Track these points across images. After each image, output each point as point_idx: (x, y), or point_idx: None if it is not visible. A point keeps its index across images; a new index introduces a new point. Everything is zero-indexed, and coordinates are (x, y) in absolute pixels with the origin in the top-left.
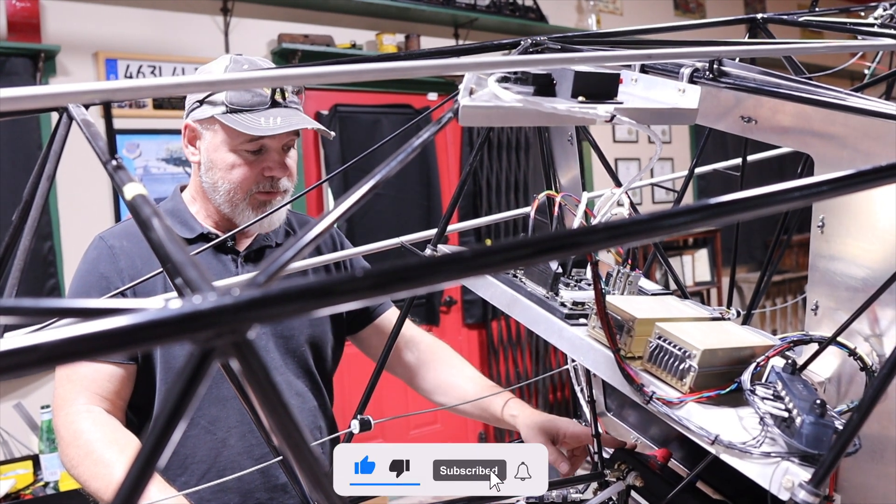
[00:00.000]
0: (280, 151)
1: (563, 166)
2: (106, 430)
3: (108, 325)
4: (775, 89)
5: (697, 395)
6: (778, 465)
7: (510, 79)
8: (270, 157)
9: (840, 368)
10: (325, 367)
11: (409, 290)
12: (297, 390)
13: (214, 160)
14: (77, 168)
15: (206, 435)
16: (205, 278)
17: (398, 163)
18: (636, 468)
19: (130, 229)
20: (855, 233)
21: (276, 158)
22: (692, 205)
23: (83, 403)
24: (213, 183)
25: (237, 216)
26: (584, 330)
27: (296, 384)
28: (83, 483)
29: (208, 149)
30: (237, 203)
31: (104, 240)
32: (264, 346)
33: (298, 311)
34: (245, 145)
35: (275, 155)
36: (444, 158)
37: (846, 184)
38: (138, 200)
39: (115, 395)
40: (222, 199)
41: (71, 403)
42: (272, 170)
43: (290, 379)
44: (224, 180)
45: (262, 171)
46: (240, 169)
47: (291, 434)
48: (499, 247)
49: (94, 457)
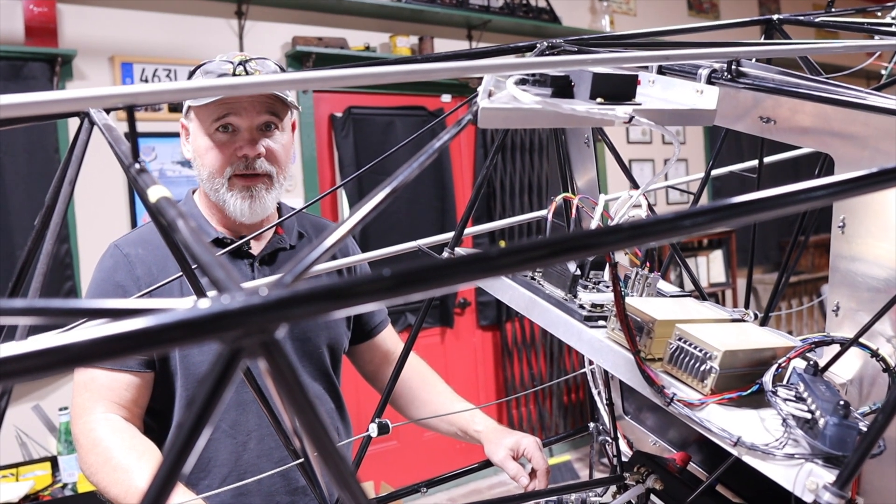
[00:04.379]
0: (252, 130)
1: (579, 168)
2: (124, 437)
3: (137, 325)
4: (794, 89)
5: (719, 396)
6: (802, 467)
7: (528, 81)
8: (241, 136)
9: (862, 370)
10: (339, 370)
11: (430, 289)
12: (314, 392)
13: (195, 149)
14: (94, 171)
15: (227, 438)
16: (232, 278)
17: (417, 166)
18: (655, 471)
19: (146, 236)
20: (876, 233)
21: (246, 137)
22: (713, 204)
23: (101, 412)
24: (199, 175)
25: (226, 205)
26: (603, 332)
27: (313, 387)
28: (102, 489)
29: (193, 139)
30: (218, 189)
31: (119, 248)
32: None
33: (325, 310)
34: (214, 125)
35: (245, 134)
36: (458, 160)
37: (868, 183)
38: (163, 203)
39: (132, 402)
40: (208, 187)
41: (90, 412)
42: (242, 148)
43: (307, 381)
44: (203, 166)
45: (235, 151)
46: (212, 151)
47: (319, 434)
48: (518, 247)
49: (112, 463)
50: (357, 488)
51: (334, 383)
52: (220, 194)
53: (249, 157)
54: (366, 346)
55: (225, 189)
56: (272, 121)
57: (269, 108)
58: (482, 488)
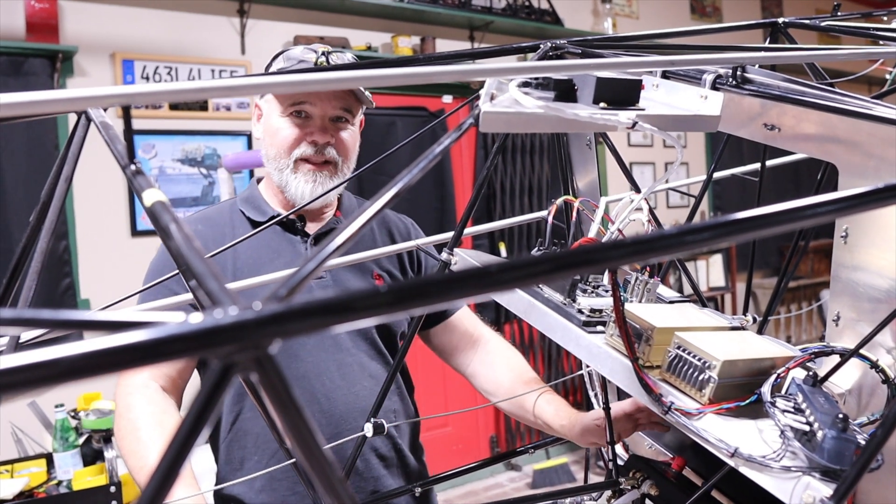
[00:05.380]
0: (324, 119)
1: (580, 171)
2: (155, 410)
3: (128, 339)
4: (800, 97)
5: (717, 406)
6: (799, 480)
7: (531, 84)
8: (314, 122)
9: (861, 380)
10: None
11: (430, 305)
12: (370, 372)
13: (267, 129)
14: (93, 168)
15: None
16: (225, 290)
17: (420, 170)
18: (651, 476)
19: (209, 214)
20: (879, 244)
21: (318, 124)
22: (717, 220)
23: (143, 377)
24: (266, 154)
25: (288, 186)
26: (601, 338)
27: (370, 366)
28: (123, 455)
29: (265, 119)
30: (283, 169)
31: None
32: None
33: (320, 326)
34: (289, 109)
35: (318, 121)
36: (458, 160)
37: (876, 198)
38: (157, 207)
39: (177, 373)
40: (273, 167)
41: (129, 376)
42: (313, 134)
43: (363, 360)
44: (272, 146)
45: (305, 136)
46: (284, 132)
47: (311, 449)
48: (521, 262)
49: (137, 434)
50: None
51: (391, 363)
52: (284, 175)
53: (319, 143)
54: (441, 328)
55: (290, 170)
56: (344, 114)
57: (343, 101)
58: (478, 489)
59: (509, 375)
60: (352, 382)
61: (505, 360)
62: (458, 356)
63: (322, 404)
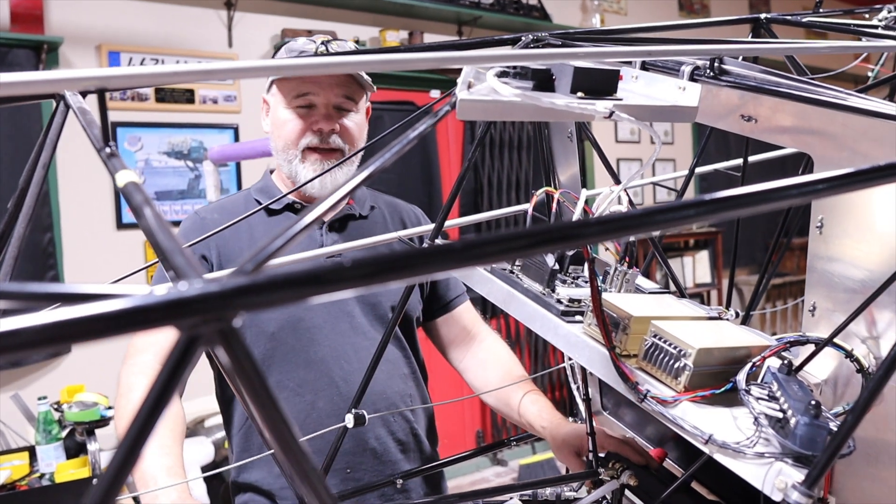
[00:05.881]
0: (328, 107)
1: (562, 163)
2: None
3: (93, 310)
4: (775, 88)
5: (692, 394)
6: (771, 466)
7: (509, 73)
8: (318, 111)
9: (837, 370)
10: (413, 336)
11: (400, 279)
12: (387, 356)
13: (274, 122)
14: (78, 161)
15: (294, 397)
16: (192, 265)
17: (393, 154)
18: (631, 467)
19: (225, 204)
20: (853, 234)
21: (322, 113)
22: (688, 200)
23: (148, 360)
24: (275, 146)
25: (297, 176)
26: (579, 327)
27: (388, 350)
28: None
29: (271, 113)
30: (291, 160)
31: (198, 213)
32: (350, 312)
33: (286, 299)
34: (294, 101)
35: (322, 110)
36: (446, 156)
37: (844, 182)
38: (130, 188)
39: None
40: (282, 158)
41: (139, 354)
42: (318, 123)
43: None
44: (279, 138)
45: (311, 125)
46: (290, 123)
47: (278, 426)
48: (493, 238)
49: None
50: (320, 485)
51: (407, 348)
52: (293, 165)
53: (324, 131)
54: (442, 321)
55: (298, 160)
56: (347, 102)
57: (346, 88)
58: (464, 484)
59: (498, 373)
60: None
61: (497, 359)
62: (454, 350)
63: (340, 388)
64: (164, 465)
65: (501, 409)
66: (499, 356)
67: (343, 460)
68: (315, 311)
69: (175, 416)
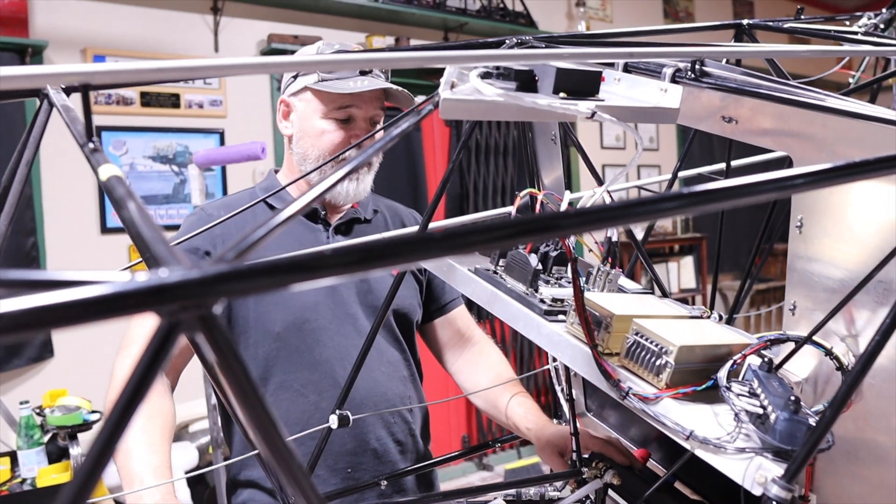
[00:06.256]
0: (367, 121)
1: (546, 166)
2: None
3: (72, 295)
4: (755, 89)
5: (673, 391)
6: (751, 461)
7: (492, 74)
8: (358, 125)
9: (817, 369)
10: (412, 339)
11: (383, 266)
12: (388, 358)
13: (305, 129)
14: (62, 165)
15: (298, 398)
16: (173, 253)
17: (375, 150)
18: (614, 467)
19: (230, 201)
20: (833, 234)
21: (362, 126)
22: (667, 193)
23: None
24: (303, 153)
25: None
26: (562, 326)
27: (388, 352)
28: None
29: (301, 118)
30: (326, 170)
31: (204, 210)
32: (353, 315)
33: (267, 286)
34: (334, 113)
35: (362, 123)
36: (432, 160)
37: (822, 178)
38: (113, 181)
39: (178, 352)
40: (311, 166)
41: (132, 347)
42: (359, 137)
43: (381, 346)
44: (314, 147)
45: (350, 139)
46: (329, 135)
47: (260, 416)
48: (476, 227)
49: None
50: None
51: (406, 351)
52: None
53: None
54: (437, 324)
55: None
56: (379, 115)
57: (380, 102)
58: (449, 489)
59: (489, 376)
60: (370, 368)
61: (488, 361)
62: (447, 353)
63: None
64: (152, 465)
65: (490, 411)
66: (490, 359)
67: (344, 460)
68: (320, 313)
69: (166, 413)
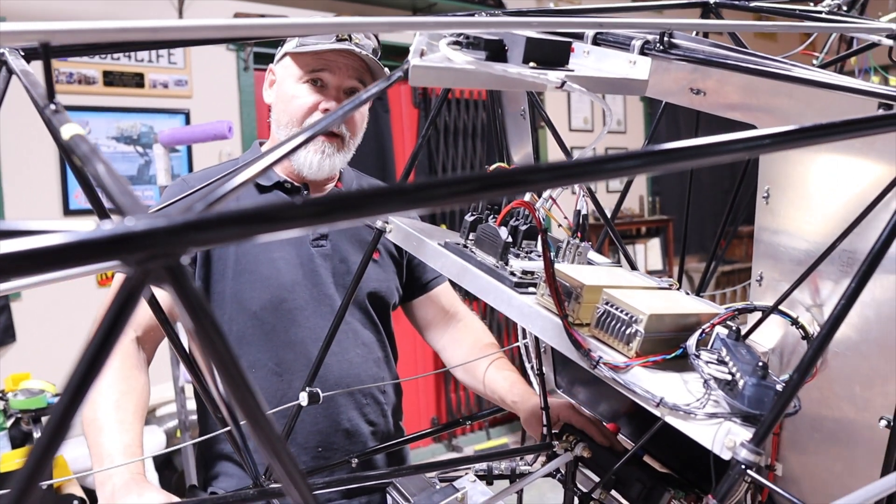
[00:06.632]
0: (339, 90)
1: (515, 142)
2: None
3: (37, 243)
4: (723, 60)
5: (643, 359)
6: (721, 426)
7: (462, 44)
8: (330, 92)
9: (783, 339)
10: (388, 321)
11: (351, 218)
12: (363, 339)
13: (280, 94)
14: (23, 144)
15: (272, 376)
16: (139, 204)
17: (340, 116)
18: (584, 440)
19: (211, 175)
20: (798, 204)
21: (332, 94)
22: (634, 151)
23: None
24: (277, 119)
25: (296, 155)
26: (533, 298)
27: (362, 334)
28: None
29: (279, 84)
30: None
31: (186, 181)
32: (330, 295)
33: (235, 236)
34: (307, 76)
35: (332, 91)
36: (401, 144)
37: (788, 139)
38: (76, 140)
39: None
40: (283, 134)
41: None
42: (327, 103)
43: (356, 328)
44: (285, 112)
45: (319, 105)
46: (299, 100)
47: (227, 365)
48: (443, 180)
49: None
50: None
51: (381, 333)
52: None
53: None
54: (419, 302)
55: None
56: (358, 87)
57: (358, 74)
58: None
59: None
60: (345, 349)
61: (474, 338)
62: (432, 331)
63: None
64: (123, 443)
65: (475, 385)
66: (475, 335)
67: (315, 439)
68: (298, 294)
69: (140, 389)
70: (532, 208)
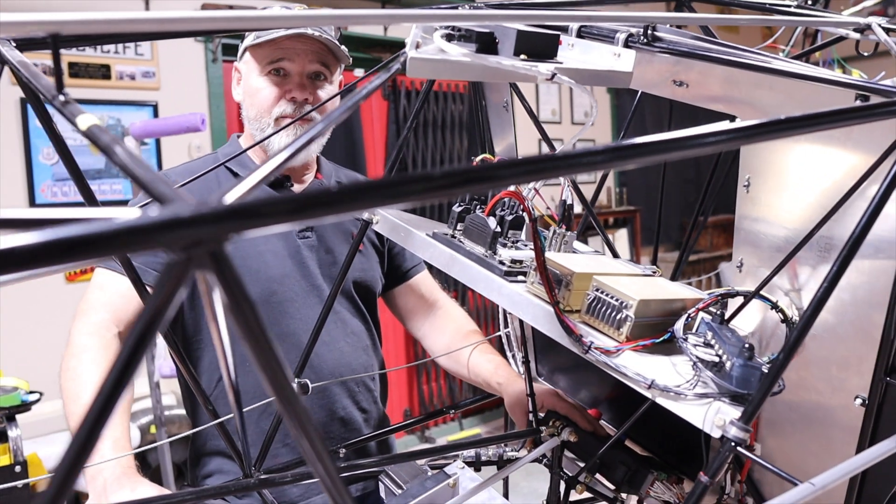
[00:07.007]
0: (302, 76)
1: (497, 134)
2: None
3: (86, 229)
4: (705, 53)
5: (633, 343)
6: (710, 406)
7: (454, 36)
8: (292, 80)
9: (763, 323)
10: (374, 309)
11: (333, 213)
12: (352, 328)
13: (246, 89)
14: None
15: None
16: (176, 192)
17: (345, 111)
18: (570, 425)
19: (193, 168)
20: (778, 192)
21: (296, 81)
22: (607, 145)
23: (102, 320)
24: (247, 115)
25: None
26: (523, 286)
27: (351, 323)
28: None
29: (244, 80)
30: (265, 129)
31: (168, 175)
32: (319, 286)
33: (278, 221)
34: (267, 67)
35: (296, 78)
36: (370, 135)
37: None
38: (94, 130)
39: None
40: (254, 127)
41: (91, 313)
42: (291, 91)
43: (345, 318)
44: (252, 106)
45: (284, 94)
46: (263, 91)
47: (268, 357)
48: (416, 176)
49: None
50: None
51: (368, 321)
52: (266, 133)
53: (298, 99)
54: (400, 291)
55: (271, 129)
56: (322, 71)
57: (320, 58)
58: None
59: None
60: (335, 339)
61: (455, 325)
62: (413, 319)
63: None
64: (112, 437)
65: (459, 370)
66: (456, 322)
67: None
68: (288, 286)
69: None
70: (522, 199)
